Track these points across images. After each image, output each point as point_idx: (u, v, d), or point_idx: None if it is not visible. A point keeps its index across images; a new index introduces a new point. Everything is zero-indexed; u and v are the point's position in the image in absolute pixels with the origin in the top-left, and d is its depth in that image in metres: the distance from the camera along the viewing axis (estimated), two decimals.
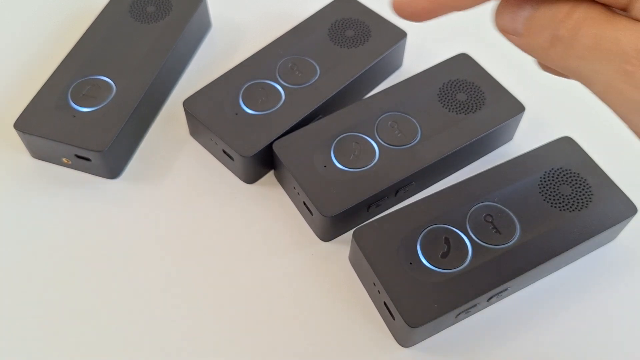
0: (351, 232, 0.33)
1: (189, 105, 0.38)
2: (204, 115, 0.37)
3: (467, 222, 0.33)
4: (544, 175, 0.35)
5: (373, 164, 0.35)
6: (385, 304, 0.32)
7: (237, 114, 0.37)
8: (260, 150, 0.36)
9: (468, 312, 0.32)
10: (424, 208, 0.34)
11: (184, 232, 0.36)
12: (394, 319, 0.31)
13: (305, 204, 0.35)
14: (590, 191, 0.34)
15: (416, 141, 0.36)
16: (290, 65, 0.40)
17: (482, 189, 0.34)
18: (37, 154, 0.39)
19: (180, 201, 0.37)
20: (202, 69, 0.44)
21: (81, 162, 0.37)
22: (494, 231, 0.33)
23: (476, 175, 0.35)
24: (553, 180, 0.35)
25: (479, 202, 0.34)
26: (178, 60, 0.43)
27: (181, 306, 0.33)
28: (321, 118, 0.38)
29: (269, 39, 0.42)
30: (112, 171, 0.38)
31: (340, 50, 0.41)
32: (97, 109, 0.37)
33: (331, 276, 0.34)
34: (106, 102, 0.38)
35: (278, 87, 0.39)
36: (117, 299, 0.33)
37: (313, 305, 0.33)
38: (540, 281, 0.34)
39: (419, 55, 0.45)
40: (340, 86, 0.39)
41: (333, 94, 0.39)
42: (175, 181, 0.38)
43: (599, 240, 0.34)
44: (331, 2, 0.44)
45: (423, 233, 0.33)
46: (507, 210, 0.33)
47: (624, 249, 0.36)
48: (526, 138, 0.40)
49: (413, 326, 0.29)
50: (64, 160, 0.38)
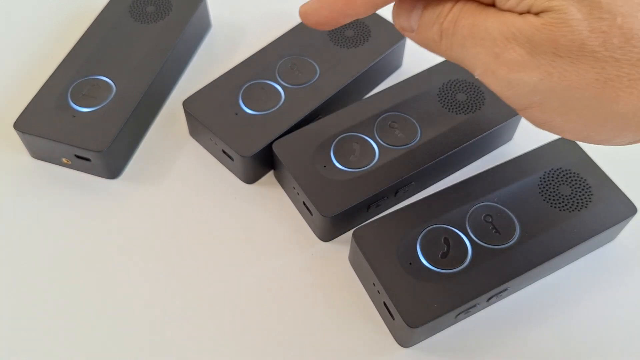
0: (351, 232, 0.33)
1: (189, 105, 0.38)
2: (204, 115, 0.37)
3: (467, 222, 0.33)
4: (544, 175, 0.35)
5: (373, 164, 0.35)
6: (385, 304, 0.32)
7: (237, 114, 0.37)
8: (260, 150, 0.36)
9: (468, 312, 0.32)
10: (424, 208, 0.34)
11: (184, 232, 0.36)
12: (394, 319, 0.31)
13: (305, 204, 0.35)
14: (590, 191, 0.34)
15: (416, 141, 0.36)
16: (290, 65, 0.40)
17: (482, 189, 0.34)
18: (37, 154, 0.39)
19: (180, 201, 0.37)
20: (202, 69, 0.44)
21: (81, 162, 0.37)
22: (494, 231, 0.33)
23: (476, 175, 0.35)
24: (553, 180, 0.35)
25: (479, 202, 0.34)
26: (178, 60, 0.43)
27: (181, 306, 0.33)
28: (321, 118, 0.38)
29: (269, 39, 0.42)
30: (112, 171, 0.38)
31: (340, 50, 0.41)
32: (97, 109, 0.37)
33: (331, 276, 0.34)
34: (106, 102, 0.38)
35: (278, 87, 0.39)
36: (117, 299, 0.33)
37: (313, 305, 0.33)
38: (540, 281, 0.34)
39: (419, 55, 0.44)
40: (340, 86, 0.39)
41: (333, 94, 0.39)
42: (175, 181, 0.38)
43: (599, 240, 0.34)
44: None
45: (423, 233, 0.33)
46: (507, 210, 0.33)
47: (624, 249, 0.36)
48: (526, 138, 0.40)
49: (413, 326, 0.29)
50: (64, 160, 0.38)
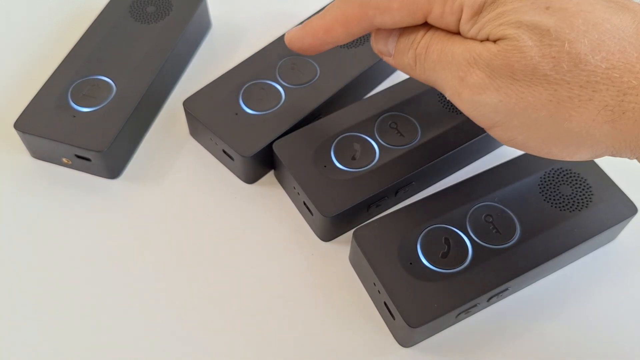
0: (351, 232, 0.33)
1: (189, 105, 0.38)
2: (204, 115, 0.37)
3: (467, 222, 0.33)
4: (544, 175, 0.35)
5: (373, 164, 0.35)
6: (385, 304, 0.32)
7: (237, 114, 0.37)
8: (260, 150, 0.36)
9: (468, 312, 0.32)
10: (424, 208, 0.34)
11: (184, 232, 0.36)
12: (394, 319, 0.31)
13: (305, 204, 0.35)
14: (590, 191, 0.34)
15: (416, 141, 0.36)
16: (290, 65, 0.40)
17: (482, 189, 0.34)
18: (37, 154, 0.39)
19: (180, 201, 0.37)
20: (202, 69, 0.44)
21: (81, 162, 0.37)
22: (494, 231, 0.33)
23: (476, 175, 0.35)
24: (553, 180, 0.35)
25: (479, 202, 0.34)
26: (178, 60, 0.43)
27: (181, 306, 0.33)
28: (321, 118, 0.38)
29: (269, 39, 0.42)
30: (112, 171, 0.38)
31: (340, 50, 0.41)
32: (97, 109, 0.37)
33: (331, 276, 0.34)
34: (106, 102, 0.38)
35: (278, 87, 0.39)
36: (117, 299, 0.33)
37: (313, 305, 0.33)
38: (540, 281, 0.34)
39: None
40: (340, 86, 0.39)
41: (333, 94, 0.39)
42: (175, 181, 0.38)
43: (599, 240, 0.34)
44: (331, 2, 0.44)
45: (423, 233, 0.33)
46: (507, 210, 0.33)
47: (624, 249, 0.36)
48: None
49: (413, 326, 0.29)
50: (64, 160, 0.38)
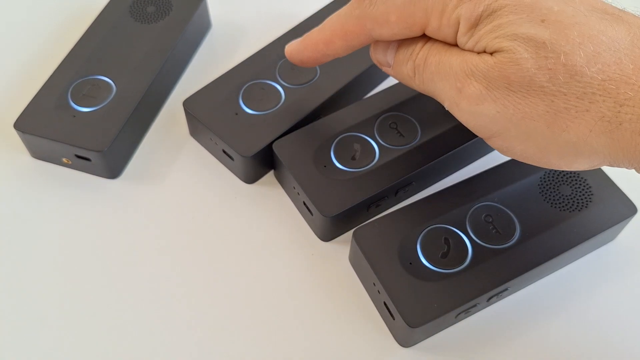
0: (351, 232, 0.33)
1: (189, 105, 0.38)
2: (204, 115, 0.37)
3: (467, 222, 0.33)
4: (544, 175, 0.35)
5: (373, 164, 0.35)
6: (385, 304, 0.32)
7: (237, 114, 0.37)
8: (260, 150, 0.36)
9: (468, 312, 0.32)
10: (424, 208, 0.34)
11: (184, 232, 0.36)
12: (394, 319, 0.31)
13: (305, 204, 0.35)
14: (590, 191, 0.34)
15: (416, 141, 0.36)
16: (290, 65, 0.40)
17: (482, 189, 0.34)
18: (37, 154, 0.39)
19: (180, 201, 0.37)
20: (202, 69, 0.44)
21: (81, 162, 0.37)
22: (494, 231, 0.33)
23: (476, 175, 0.35)
24: (553, 180, 0.35)
25: (479, 202, 0.34)
26: (178, 60, 0.43)
27: (181, 306, 0.33)
28: (321, 118, 0.38)
29: (269, 39, 0.42)
30: (112, 171, 0.38)
31: None
32: (97, 109, 0.37)
33: (331, 276, 0.34)
34: (106, 102, 0.38)
35: (278, 87, 0.39)
36: (117, 299, 0.33)
37: (313, 305, 0.33)
38: (540, 281, 0.34)
39: None
40: (340, 86, 0.39)
41: (333, 94, 0.39)
42: (175, 181, 0.38)
43: (599, 240, 0.34)
44: (331, 2, 0.44)
45: (423, 233, 0.33)
46: (507, 210, 0.33)
47: (624, 249, 0.36)
48: None
49: (413, 326, 0.29)
50: (64, 160, 0.38)
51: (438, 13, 0.26)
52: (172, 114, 0.42)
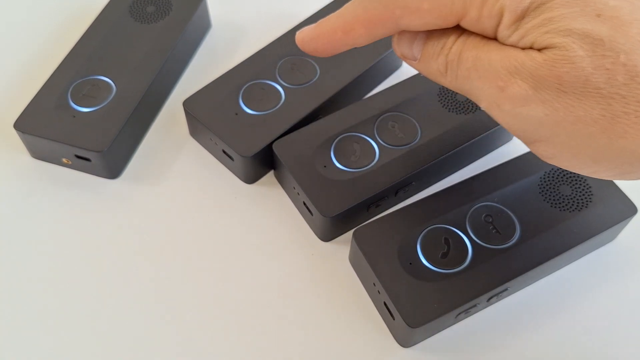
0: (351, 232, 0.33)
1: (189, 105, 0.38)
2: (204, 115, 0.37)
3: (467, 222, 0.33)
4: (544, 175, 0.35)
5: (373, 164, 0.35)
6: (385, 304, 0.32)
7: (237, 114, 0.37)
8: (260, 150, 0.36)
9: (468, 312, 0.32)
10: (424, 208, 0.34)
11: (184, 232, 0.36)
12: (394, 319, 0.31)
13: (305, 204, 0.35)
14: (590, 191, 0.34)
15: (416, 141, 0.36)
16: (290, 65, 0.40)
17: (482, 189, 0.34)
18: (37, 154, 0.39)
19: (180, 201, 0.37)
20: (202, 69, 0.44)
21: (81, 162, 0.37)
22: (494, 231, 0.33)
23: (476, 175, 0.35)
24: (553, 180, 0.35)
25: (479, 202, 0.34)
26: (178, 60, 0.43)
27: (181, 306, 0.33)
28: (321, 118, 0.38)
29: (269, 39, 0.42)
30: (112, 171, 0.38)
31: None
32: (97, 109, 0.37)
33: (331, 276, 0.34)
34: (106, 102, 0.38)
35: (278, 87, 0.39)
36: (117, 299, 0.33)
37: (313, 305, 0.33)
38: (540, 281, 0.34)
39: None
40: (340, 86, 0.39)
41: (333, 94, 0.39)
42: (175, 181, 0.38)
43: (599, 240, 0.34)
44: (331, 2, 0.44)
45: (423, 233, 0.33)
46: (507, 210, 0.33)
47: (624, 249, 0.36)
48: None
49: (413, 326, 0.29)
50: (64, 160, 0.38)
51: (479, 3, 0.24)
52: (172, 114, 0.42)
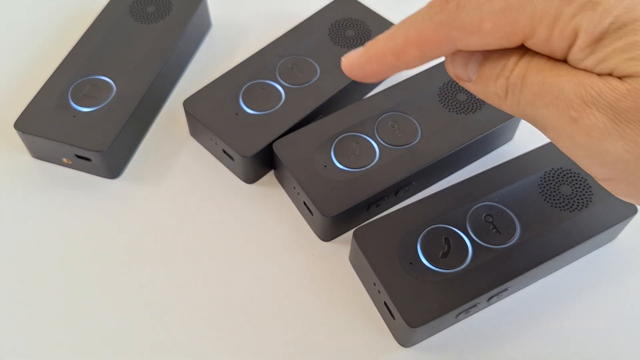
0: (351, 232, 0.33)
1: (189, 105, 0.38)
2: (204, 115, 0.37)
3: (467, 222, 0.33)
4: (544, 175, 0.35)
5: (373, 164, 0.35)
6: (385, 304, 0.32)
7: (237, 114, 0.37)
8: (260, 150, 0.36)
9: (468, 312, 0.32)
10: (424, 208, 0.34)
11: (184, 232, 0.36)
12: (394, 319, 0.31)
13: (305, 204, 0.35)
14: (590, 191, 0.34)
15: (416, 141, 0.36)
16: (290, 65, 0.40)
17: (482, 189, 0.34)
18: (37, 154, 0.39)
19: (180, 201, 0.37)
20: (202, 69, 0.44)
21: (81, 162, 0.37)
22: (494, 231, 0.33)
23: (476, 175, 0.35)
24: (553, 180, 0.35)
25: (479, 202, 0.34)
26: (178, 60, 0.43)
27: (181, 306, 0.33)
28: (321, 118, 0.38)
29: (269, 39, 0.42)
30: (112, 171, 0.38)
31: (340, 50, 0.41)
32: (97, 109, 0.37)
33: (331, 276, 0.34)
34: (106, 102, 0.38)
35: (278, 87, 0.39)
36: (117, 299, 0.33)
37: (313, 305, 0.33)
38: (540, 281, 0.34)
39: None
40: (340, 86, 0.39)
41: (333, 94, 0.39)
42: (175, 181, 0.38)
43: (599, 240, 0.34)
44: (331, 2, 0.44)
45: (423, 233, 0.33)
46: (507, 210, 0.33)
47: (624, 249, 0.36)
48: (526, 138, 0.40)
49: (413, 326, 0.29)
50: (64, 160, 0.38)
51: (549, 21, 0.21)
52: (172, 114, 0.42)
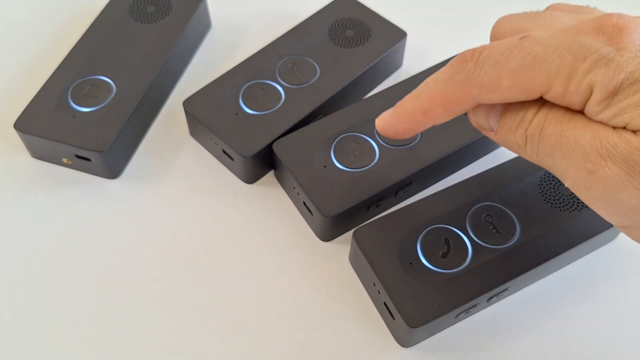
0: (351, 232, 0.33)
1: (189, 105, 0.38)
2: (204, 115, 0.37)
3: (467, 222, 0.33)
4: (544, 175, 0.35)
5: (373, 164, 0.35)
6: (385, 304, 0.32)
7: (237, 114, 0.37)
8: (260, 150, 0.36)
9: (468, 312, 0.32)
10: (424, 208, 0.34)
11: (184, 232, 0.36)
12: (394, 319, 0.31)
13: (305, 204, 0.35)
14: None
15: (416, 141, 0.36)
16: (290, 65, 0.40)
17: (482, 189, 0.34)
18: (37, 154, 0.39)
19: (180, 201, 0.37)
20: (202, 69, 0.44)
21: (81, 162, 0.37)
22: (494, 231, 0.33)
23: (476, 175, 0.35)
24: (553, 180, 0.35)
25: (479, 202, 0.34)
26: (178, 60, 0.43)
27: (181, 305, 0.33)
28: (321, 118, 0.38)
29: (269, 39, 0.42)
30: (112, 171, 0.38)
31: (340, 50, 0.41)
32: (97, 109, 0.37)
33: (331, 276, 0.34)
34: (106, 102, 0.38)
35: (278, 87, 0.39)
36: (117, 299, 0.33)
37: (313, 305, 0.33)
38: (540, 281, 0.34)
39: (419, 55, 0.45)
40: (340, 86, 0.39)
41: (333, 94, 0.39)
42: (175, 181, 0.38)
43: (599, 240, 0.34)
44: (331, 2, 0.44)
45: (423, 233, 0.33)
46: (507, 210, 0.33)
47: (624, 249, 0.36)
48: None
49: (413, 326, 0.29)
50: (64, 160, 0.38)
51: (564, 78, 0.22)
52: (172, 114, 0.42)
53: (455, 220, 0.33)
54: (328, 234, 0.36)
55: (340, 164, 0.35)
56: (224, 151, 0.37)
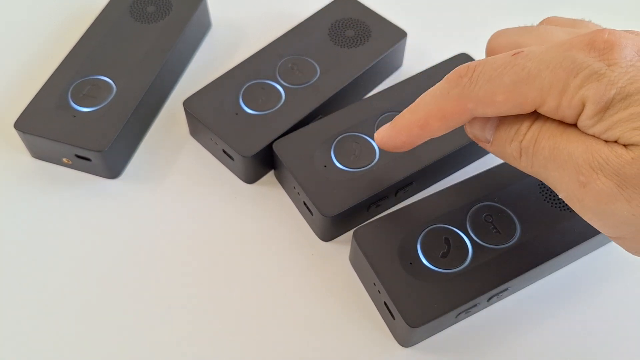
0: (351, 232, 0.33)
1: (189, 105, 0.38)
2: (204, 115, 0.37)
3: (467, 222, 0.33)
4: None
5: (373, 164, 0.35)
6: (385, 304, 0.32)
7: (237, 114, 0.37)
8: (260, 150, 0.36)
9: (468, 312, 0.32)
10: (424, 208, 0.34)
11: (184, 232, 0.36)
12: (394, 319, 0.31)
13: (305, 204, 0.35)
14: None
15: None
16: (290, 65, 0.40)
17: (482, 189, 0.34)
18: (37, 154, 0.39)
19: (180, 201, 0.37)
20: (202, 69, 0.44)
21: (81, 162, 0.37)
22: (494, 231, 0.33)
23: (476, 175, 0.35)
24: None
25: (479, 202, 0.34)
26: (178, 60, 0.43)
27: (181, 306, 0.33)
28: (321, 118, 0.38)
29: (269, 39, 0.42)
30: (112, 171, 0.38)
31: (340, 50, 0.41)
32: (97, 109, 0.37)
33: (331, 276, 0.34)
34: (106, 102, 0.38)
35: (278, 87, 0.39)
36: (117, 299, 0.33)
37: (313, 305, 0.33)
38: (540, 281, 0.34)
39: (419, 55, 0.45)
40: (340, 86, 0.39)
41: (333, 94, 0.39)
42: (175, 181, 0.38)
43: (599, 240, 0.34)
44: (331, 2, 0.44)
45: (423, 233, 0.33)
46: (507, 210, 0.33)
47: (624, 249, 0.36)
48: None
49: (413, 326, 0.29)
50: (64, 160, 0.38)
51: (557, 92, 0.22)
52: (172, 114, 0.42)
53: (455, 220, 0.33)
54: (328, 234, 0.36)
55: (340, 164, 0.35)
56: (224, 151, 0.37)
